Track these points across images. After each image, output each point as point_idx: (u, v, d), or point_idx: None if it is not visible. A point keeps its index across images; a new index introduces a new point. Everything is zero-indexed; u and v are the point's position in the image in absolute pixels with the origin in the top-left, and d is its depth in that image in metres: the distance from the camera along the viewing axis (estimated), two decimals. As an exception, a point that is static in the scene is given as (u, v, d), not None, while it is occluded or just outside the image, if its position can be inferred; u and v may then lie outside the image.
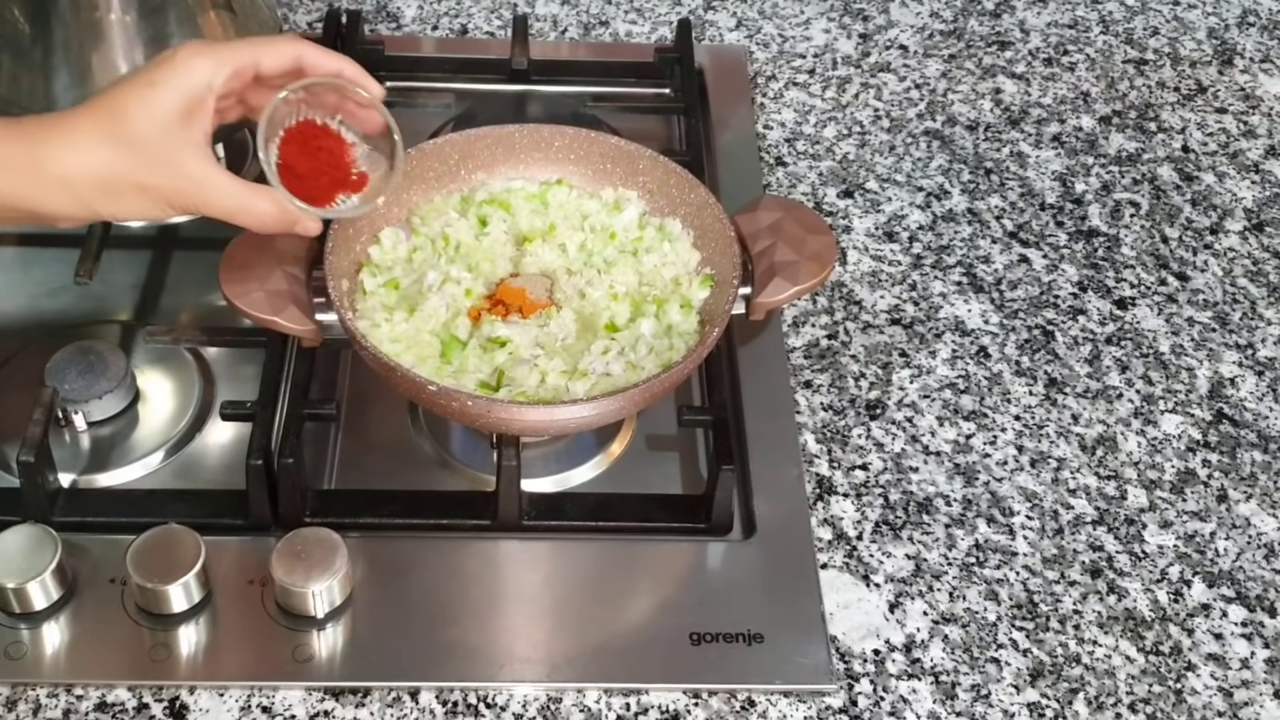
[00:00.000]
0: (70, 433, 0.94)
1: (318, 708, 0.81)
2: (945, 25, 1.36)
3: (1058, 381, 1.03)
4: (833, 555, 0.91)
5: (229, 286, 0.88)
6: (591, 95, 1.22)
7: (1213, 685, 0.86)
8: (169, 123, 0.75)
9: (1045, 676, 0.86)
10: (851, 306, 1.08)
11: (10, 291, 1.05)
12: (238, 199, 0.78)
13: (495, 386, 0.88)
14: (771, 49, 1.31)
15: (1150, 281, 1.12)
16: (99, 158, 0.74)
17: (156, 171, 0.76)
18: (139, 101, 0.75)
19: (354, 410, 0.99)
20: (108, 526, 0.88)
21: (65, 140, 0.74)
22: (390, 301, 0.92)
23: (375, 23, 1.31)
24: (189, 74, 0.75)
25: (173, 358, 0.99)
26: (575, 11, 1.34)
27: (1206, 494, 0.97)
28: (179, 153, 0.76)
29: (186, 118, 0.76)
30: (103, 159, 0.74)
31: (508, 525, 0.90)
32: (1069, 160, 1.22)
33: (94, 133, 0.74)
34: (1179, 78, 1.32)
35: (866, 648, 0.86)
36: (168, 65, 0.76)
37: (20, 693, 0.81)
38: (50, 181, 0.74)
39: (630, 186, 1.00)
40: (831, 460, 0.97)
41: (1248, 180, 1.22)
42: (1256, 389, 1.04)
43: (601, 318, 0.92)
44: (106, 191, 0.75)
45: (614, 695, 0.83)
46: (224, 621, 0.84)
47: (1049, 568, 0.92)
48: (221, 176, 0.78)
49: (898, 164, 1.21)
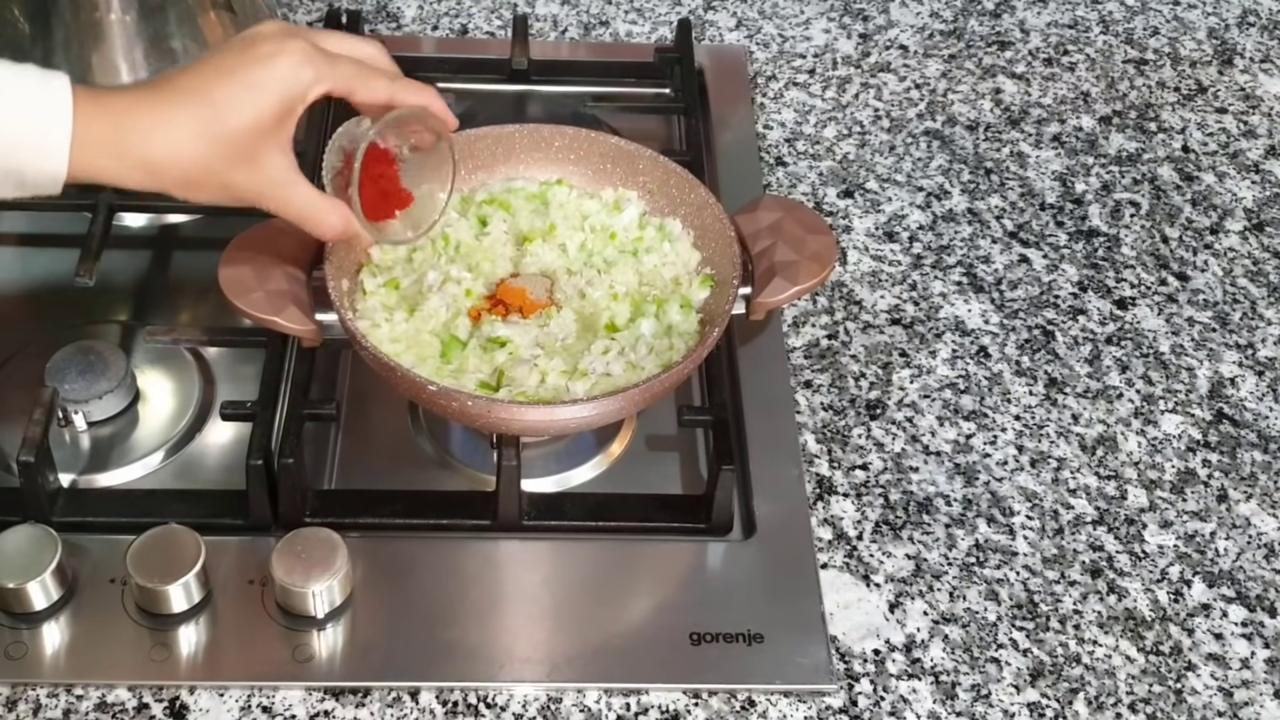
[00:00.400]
0: (70, 433, 0.94)
1: (318, 708, 0.81)
2: (945, 25, 1.36)
3: (1058, 381, 1.03)
4: (833, 555, 0.91)
5: (229, 286, 0.88)
6: (591, 95, 1.21)
7: (1213, 685, 0.86)
8: (265, 128, 0.75)
9: (1045, 676, 0.86)
10: (851, 306, 1.08)
11: (10, 291, 1.05)
12: (313, 208, 0.80)
13: (495, 386, 0.88)
14: (771, 49, 1.31)
15: (1150, 281, 1.12)
16: (192, 152, 0.74)
17: (243, 171, 0.76)
18: (238, 104, 0.74)
19: (354, 410, 0.99)
20: (108, 526, 0.88)
21: (157, 127, 0.73)
22: (390, 301, 0.92)
23: (375, 23, 1.31)
24: (291, 84, 0.76)
25: (173, 358, 0.99)
26: (575, 11, 1.34)
27: (1206, 494, 0.97)
28: (267, 155, 0.76)
29: (279, 122, 0.76)
30: (195, 154, 0.74)
31: (508, 525, 0.90)
32: (1069, 160, 1.22)
33: (189, 125, 0.74)
34: (1179, 78, 1.32)
35: (866, 648, 0.86)
36: (269, 69, 0.75)
37: (20, 693, 0.81)
38: (134, 164, 0.74)
39: (630, 186, 1.00)
40: (831, 460, 0.97)
41: (1248, 180, 1.22)
42: (1256, 389, 1.04)
43: (601, 318, 0.92)
44: (189, 182, 0.76)
45: (614, 695, 0.83)
46: (224, 621, 0.84)
47: (1049, 568, 0.92)
48: (302, 183, 0.79)
49: (898, 164, 1.21)
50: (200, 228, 1.11)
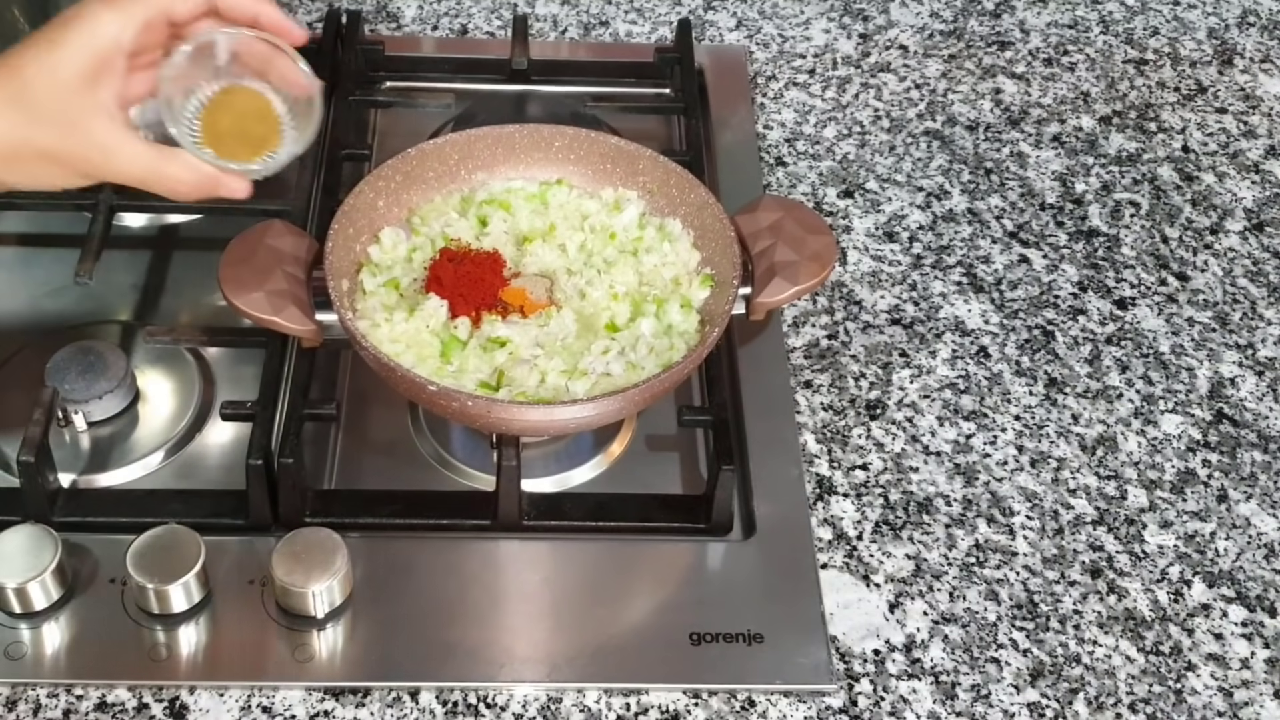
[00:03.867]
0: (70, 433, 0.94)
1: (318, 708, 0.81)
2: (945, 25, 1.36)
3: (1058, 381, 1.03)
4: (833, 555, 0.91)
5: (229, 286, 0.88)
6: (591, 95, 1.21)
7: (1213, 685, 0.86)
8: (73, 85, 0.69)
9: (1045, 676, 0.86)
10: (851, 306, 1.08)
11: (10, 291, 1.05)
12: (149, 164, 0.73)
13: (495, 386, 0.88)
14: (771, 49, 1.31)
15: (1150, 281, 1.12)
16: (1, 124, 0.69)
17: (61, 138, 0.70)
18: (39, 63, 0.69)
19: (354, 410, 0.99)
20: (108, 526, 0.88)
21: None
22: (390, 301, 0.92)
23: (375, 23, 1.31)
24: (94, 30, 0.69)
25: (173, 358, 0.99)
26: (575, 11, 1.34)
27: (1206, 494, 0.97)
28: (85, 118, 0.70)
29: (93, 79, 0.70)
30: (5, 126, 0.69)
31: (508, 525, 0.90)
32: (1069, 160, 1.22)
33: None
34: (1179, 78, 1.32)
35: (866, 648, 0.86)
36: (72, 22, 0.69)
37: (20, 693, 0.81)
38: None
39: (630, 186, 1.00)
40: (831, 460, 0.97)
41: (1248, 180, 1.22)
42: (1256, 389, 1.04)
43: (601, 318, 0.92)
44: (8, 160, 0.70)
45: (614, 695, 0.83)
46: (224, 621, 0.84)
47: (1049, 568, 0.92)
48: (131, 142, 0.72)
49: (898, 164, 1.21)
50: (200, 228, 1.11)
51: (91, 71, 0.70)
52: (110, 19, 0.70)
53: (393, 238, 0.96)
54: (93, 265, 0.98)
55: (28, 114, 0.69)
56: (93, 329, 1.01)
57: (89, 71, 0.70)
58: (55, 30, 0.70)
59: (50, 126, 0.70)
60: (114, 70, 0.71)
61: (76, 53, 0.69)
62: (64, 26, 0.70)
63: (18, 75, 0.69)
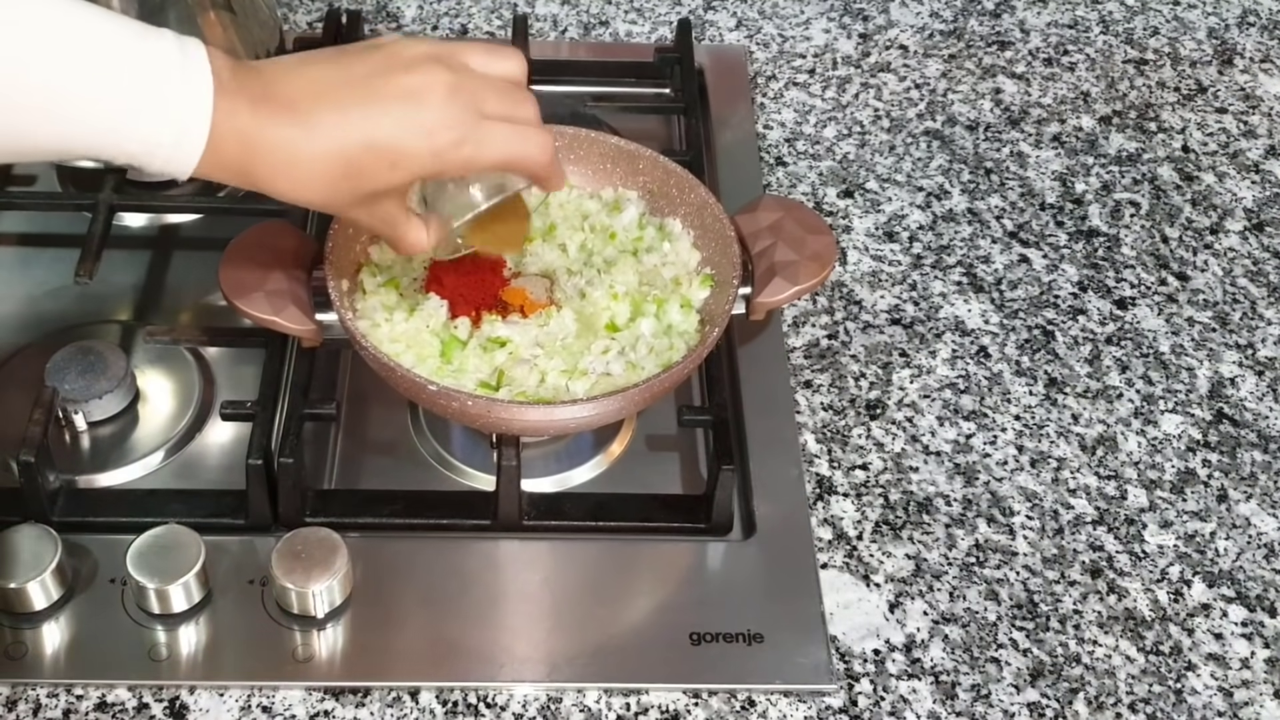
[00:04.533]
0: (70, 433, 0.94)
1: (318, 708, 0.81)
2: (945, 25, 1.36)
3: (1058, 381, 1.03)
4: (833, 555, 0.91)
5: (229, 286, 0.88)
6: (591, 95, 1.21)
7: (1213, 685, 0.86)
8: (394, 188, 0.75)
9: (1045, 676, 0.86)
10: (851, 306, 1.08)
11: (10, 291, 1.05)
12: (416, 238, 0.80)
13: (495, 386, 0.88)
14: (771, 49, 1.31)
15: (1150, 281, 1.12)
16: (315, 198, 0.72)
17: (358, 211, 0.75)
18: (375, 174, 0.72)
19: (354, 410, 0.99)
20: (108, 526, 0.88)
21: (285, 171, 0.70)
22: (390, 301, 0.92)
23: (375, 23, 1.31)
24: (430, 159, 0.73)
25: (173, 358, 0.99)
26: (575, 11, 1.34)
27: (1206, 494, 0.97)
28: (384, 201, 0.75)
29: (407, 184, 0.76)
30: (319, 200, 0.73)
31: (508, 525, 0.90)
32: (1069, 160, 1.22)
33: (321, 181, 0.71)
34: (1179, 78, 1.32)
35: (866, 648, 0.86)
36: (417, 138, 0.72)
37: (20, 693, 0.81)
38: (253, 187, 0.71)
39: (630, 186, 1.00)
40: (831, 460, 0.97)
41: (1248, 180, 1.22)
42: (1256, 389, 1.04)
43: (601, 318, 0.92)
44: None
45: (614, 695, 0.83)
46: (224, 621, 0.84)
47: (1049, 568, 0.92)
48: (408, 221, 0.78)
49: (898, 164, 1.21)
50: (200, 228, 1.11)
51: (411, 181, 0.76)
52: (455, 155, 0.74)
53: (393, 238, 0.96)
54: (93, 265, 0.98)
55: (346, 201, 0.74)
56: (93, 329, 1.01)
57: (409, 182, 0.75)
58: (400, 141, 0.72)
59: (357, 206, 0.75)
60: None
61: (410, 175, 0.74)
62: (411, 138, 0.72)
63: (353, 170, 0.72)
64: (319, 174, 0.71)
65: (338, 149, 0.70)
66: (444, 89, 0.72)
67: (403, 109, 0.71)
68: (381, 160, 0.72)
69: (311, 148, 0.70)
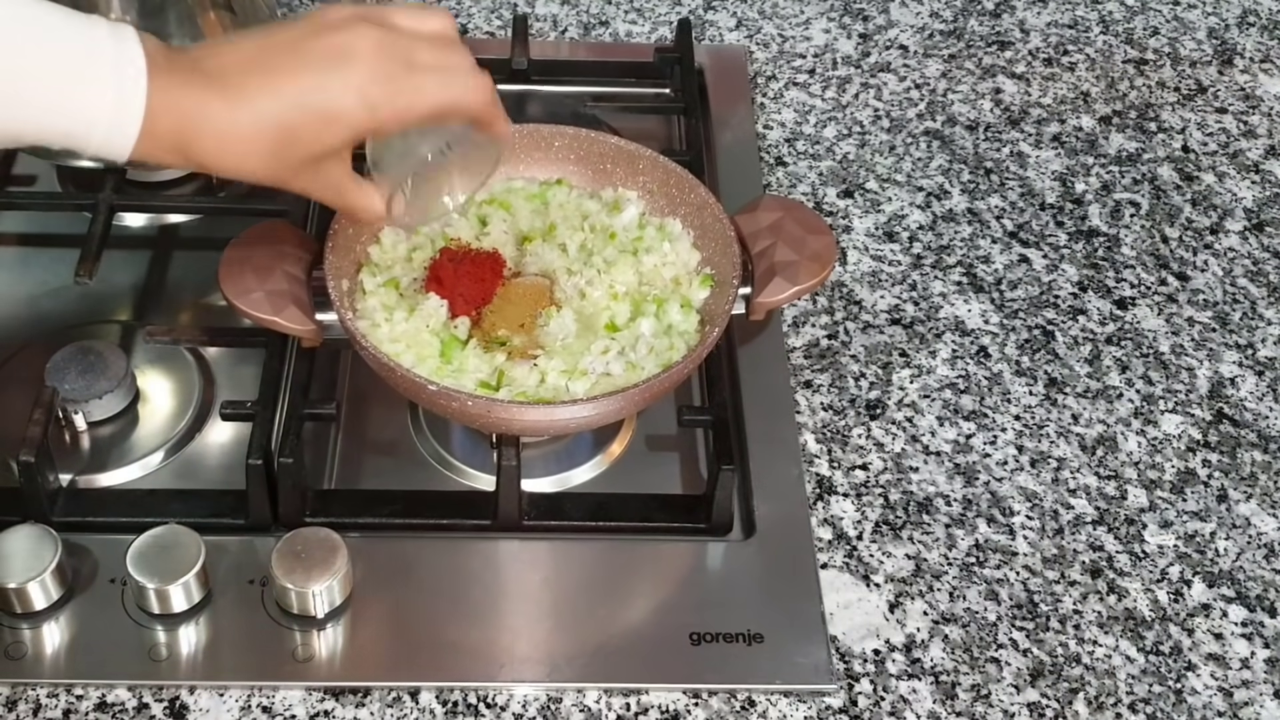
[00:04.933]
0: (70, 433, 0.94)
1: (318, 708, 0.81)
2: (945, 25, 1.36)
3: (1058, 381, 1.03)
4: (833, 555, 0.91)
5: (229, 286, 0.88)
6: (591, 95, 1.21)
7: (1213, 685, 0.86)
8: (333, 150, 0.74)
9: (1045, 676, 0.86)
10: (851, 306, 1.08)
11: (10, 291, 1.05)
12: (366, 204, 0.79)
13: (495, 386, 0.88)
14: (771, 49, 1.31)
15: (1150, 281, 1.12)
16: (257, 170, 0.72)
17: (303, 180, 0.75)
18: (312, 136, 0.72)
19: (354, 410, 0.99)
20: (108, 526, 0.88)
21: (226, 148, 0.70)
22: (390, 301, 0.92)
23: (375, 23, 1.31)
24: (364, 116, 0.73)
25: (173, 358, 0.99)
26: (575, 11, 1.34)
27: (1206, 494, 0.97)
28: (328, 166, 0.75)
29: (348, 145, 0.75)
30: (260, 173, 0.73)
31: (508, 525, 0.90)
32: (1069, 160, 1.22)
33: (260, 154, 0.71)
34: (1179, 78, 1.32)
35: (866, 648, 0.86)
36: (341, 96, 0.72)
37: (20, 693, 0.81)
38: (192, 165, 0.71)
39: (630, 186, 1.00)
40: (831, 460, 0.97)
41: (1248, 180, 1.22)
42: (1256, 389, 1.04)
43: (601, 318, 0.92)
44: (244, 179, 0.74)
45: (614, 695, 0.83)
46: (224, 621, 0.84)
47: (1049, 568, 0.92)
48: (354, 184, 0.78)
49: (898, 164, 1.21)
50: (200, 228, 1.11)
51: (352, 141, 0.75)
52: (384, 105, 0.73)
53: (393, 237, 0.96)
54: (93, 265, 0.98)
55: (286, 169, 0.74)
56: (93, 329, 1.01)
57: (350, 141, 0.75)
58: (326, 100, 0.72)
59: (301, 174, 0.74)
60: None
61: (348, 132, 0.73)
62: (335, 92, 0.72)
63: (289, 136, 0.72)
64: (255, 143, 0.71)
65: (271, 115, 0.70)
66: (371, 44, 0.72)
67: (332, 68, 0.71)
68: (315, 121, 0.71)
69: (244, 116, 0.70)
